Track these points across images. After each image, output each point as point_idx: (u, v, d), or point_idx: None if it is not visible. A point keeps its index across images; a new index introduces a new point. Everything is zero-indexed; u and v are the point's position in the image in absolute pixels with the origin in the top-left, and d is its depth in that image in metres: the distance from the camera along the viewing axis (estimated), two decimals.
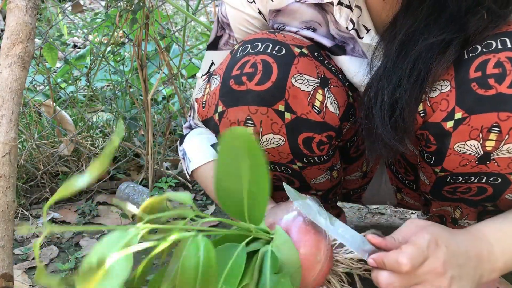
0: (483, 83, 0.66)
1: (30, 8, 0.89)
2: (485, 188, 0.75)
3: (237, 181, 0.58)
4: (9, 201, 0.81)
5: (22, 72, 0.87)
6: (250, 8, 0.86)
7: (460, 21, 0.70)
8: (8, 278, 0.79)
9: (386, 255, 0.67)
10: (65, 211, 1.44)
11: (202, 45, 1.86)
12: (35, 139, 1.49)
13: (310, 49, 0.81)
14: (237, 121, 0.78)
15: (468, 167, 0.72)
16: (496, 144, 0.68)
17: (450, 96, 0.70)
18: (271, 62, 0.76)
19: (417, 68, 0.71)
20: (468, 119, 0.68)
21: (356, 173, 1.02)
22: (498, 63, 0.66)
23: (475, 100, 0.67)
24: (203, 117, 0.84)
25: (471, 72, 0.68)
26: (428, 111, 0.73)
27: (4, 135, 0.82)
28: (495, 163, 0.70)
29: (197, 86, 1.00)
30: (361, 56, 0.84)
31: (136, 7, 1.33)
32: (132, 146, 1.58)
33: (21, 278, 1.15)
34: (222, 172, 0.58)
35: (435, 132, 0.72)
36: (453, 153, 0.72)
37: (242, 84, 0.76)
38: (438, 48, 0.70)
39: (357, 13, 0.80)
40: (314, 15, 0.84)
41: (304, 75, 0.77)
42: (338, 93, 0.80)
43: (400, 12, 0.74)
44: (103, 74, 1.81)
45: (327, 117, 0.78)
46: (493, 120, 0.66)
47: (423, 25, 0.72)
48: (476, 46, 0.69)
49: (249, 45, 0.79)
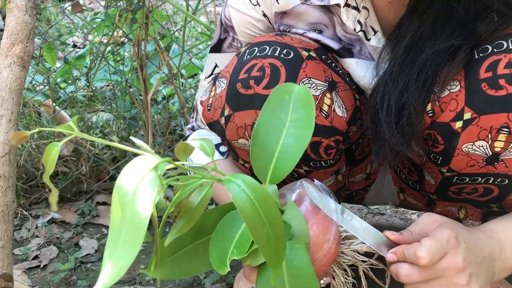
0: (493, 84, 0.66)
1: (29, 8, 0.89)
2: (491, 189, 0.75)
3: (276, 133, 0.60)
4: (9, 201, 0.81)
5: (22, 72, 0.87)
6: (254, 11, 0.85)
7: (469, 27, 0.69)
8: (8, 278, 0.78)
9: (406, 247, 0.66)
10: (64, 211, 1.44)
11: (202, 45, 1.86)
12: (35, 139, 1.49)
13: (317, 52, 0.80)
14: (244, 125, 0.77)
15: (475, 167, 0.72)
16: (505, 145, 0.67)
17: (459, 96, 0.69)
18: (279, 65, 0.75)
19: (425, 73, 0.71)
20: (477, 120, 0.68)
21: (359, 175, 1.02)
22: (509, 64, 0.65)
23: (485, 100, 0.67)
24: (208, 120, 0.84)
25: (481, 72, 0.67)
26: (437, 111, 0.72)
27: (3, 135, 0.82)
28: (503, 164, 0.70)
29: (200, 88, 0.99)
30: (368, 58, 0.84)
31: (136, 7, 1.33)
32: (132, 146, 1.58)
33: (21, 278, 1.15)
34: (264, 121, 0.60)
35: (443, 132, 0.72)
36: (460, 154, 0.71)
37: (250, 88, 0.75)
38: (447, 54, 0.69)
39: (364, 14, 0.79)
40: (320, 17, 0.83)
41: (312, 79, 0.76)
42: (345, 97, 0.80)
43: (406, 14, 0.73)
44: (103, 74, 1.81)
45: (335, 122, 0.78)
46: (503, 121, 0.66)
47: (430, 30, 0.71)
48: (487, 46, 0.68)
49: (257, 48, 0.78)
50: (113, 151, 1.63)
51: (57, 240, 1.30)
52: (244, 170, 0.90)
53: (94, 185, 1.51)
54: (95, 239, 1.30)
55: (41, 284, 1.13)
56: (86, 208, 1.41)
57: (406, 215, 1.42)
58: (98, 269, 1.19)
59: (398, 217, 1.41)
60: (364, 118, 0.85)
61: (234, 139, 0.80)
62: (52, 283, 1.14)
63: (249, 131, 0.77)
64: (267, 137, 0.61)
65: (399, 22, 0.75)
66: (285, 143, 0.61)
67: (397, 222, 1.38)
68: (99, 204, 1.46)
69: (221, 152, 0.94)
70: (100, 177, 1.53)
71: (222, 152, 0.94)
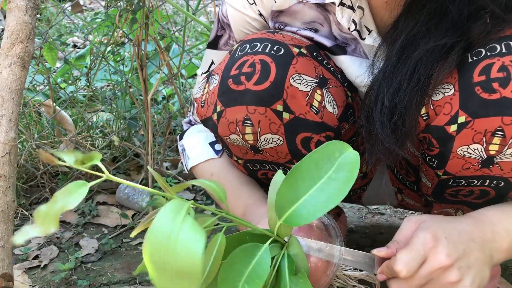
0: (487, 87, 0.66)
1: (30, 8, 0.89)
2: (487, 191, 0.75)
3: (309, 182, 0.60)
4: (9, 201, 0.81)
5: (22, 72, 0.87)
6: (250, 10, 0.86)
7: (463, 26, 0.69)
8: (8, 278, 0.79)
9: (387, 263, 0.67)
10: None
11: (202, 45, 1.86)
12: (35, 139, 1.49)
13: (309, 49, 0.81)
14: (235, 121, 0.78)
15: (471, 170, 0.72)
16: (499, 148, 0.67)
17: (453, 99, 0.69)
18: (269, 62, 0.76)
19: (418, 72, 0.71)
20: (472, 123, 0.68)
21: None
22: (502, 67, 0.65)
23: (479, 104, 0.67)
24: (202, 117, 0.85)
25: (475, 76, 0.67)
26: (431, 114, 0.73)
27: (4, 135, 0.82)
28: (498, 167, 0.70)
29: (197, 84, 1.00)
30: (362, 57, 0.84)
31: (136, 7, 1.33)
32: (132, 146, 1.58)
33: (21, 278, 1.15)
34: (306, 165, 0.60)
35: (438, 135, 0.72)
36: (456, 157, 0.71)
37: (241, 84, 0.76)
38: (440, 53, 0.70)
39: (359, 14, 0.79)
40: (316, 16, 0.83)
41: (302, 75, 0.77)
42: (336, 93, 0.80)
43: (401, 14, 0.74)
44: (103, 74, 1.81)
45: (326, 117, 0.78)
46: (497, 124, 0.66)
47: (424, 29, 0.71)
48: (480, 50, 0.68)
49: (248, 45, 0.79)
50: (113, 151, 1.63)
51: (57, 240, 1.30)
52: (238, 166, 0.90)
53: (94, 185, 1.51)
54: (95, 239, 1.30)
55: (41, 284, 1.14)
56: (86, 208, 1.41)
57: (406, 215, 1.42)
58: (98, 269, 1.19)
59: (398, 217, 1.41)
60: (356, 115, 0.85)
61: (226, 134, 0.80)
62: (52, 283, 1.14)
63: (240, 126, 0.78)
64: (301, 181, 0.61)
65: (394, 22, 0.75)
66: (313, 195, 0.60)
67: (397, 222, 1.39)
68: (99, 204, 1.46)
69: (216, 151, 0.95)
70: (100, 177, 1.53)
71: (217, 151, 0.95)
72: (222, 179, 0.93)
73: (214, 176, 0.94)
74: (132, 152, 1.57)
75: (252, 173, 0.89)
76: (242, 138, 0.79)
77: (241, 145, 0.81)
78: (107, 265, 1.21)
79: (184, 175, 1.61)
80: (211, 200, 1.51)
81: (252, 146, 0.80)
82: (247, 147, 0.81)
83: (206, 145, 0.96)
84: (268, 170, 0.87)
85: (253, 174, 0.90)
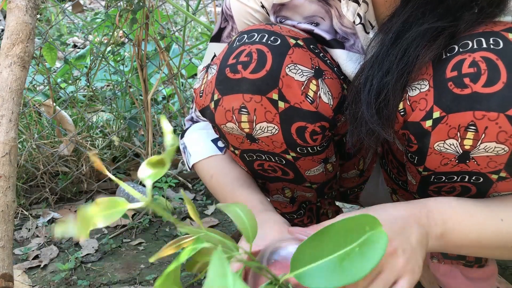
0: (459, 83, 0.67)
1: (30, 8, 0.89)
2: (468, 187, 0.76)
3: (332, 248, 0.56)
4: (9, 201, 0.81)
5: (22, 72, 0.87)
6: (253, 1, 0.88)
7: (455, 14, 0.71)
8: (8, 278, 0.79)
9: None
10: (65, 211, 1.45)
11: (202, 45, 1.86)
12: (35, 139, 1.49)
13: (306, 41, 0.82)
14: (231, 109, 0.79)
15: (449, 166, 0.73)
16: (473, 143, 0.68)
17: (428, 95, 0.71)
18: (265, 51, 0.77)
19: (408, 54, 0.72)
20: (446, 118, 0.69)
21: (352, 171, 1.03)
22: (473, 63, 0.67)
23: (452, 99, 0.68)
24: (200, 106, 0.86)
25: (447, 71, 0.69)
26: (408, 110, 0.74)
27: (4, 135, 0.82)
28: (475, 162, 0.71)
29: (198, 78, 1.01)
30: (359, 52, 0.85)
31: (136, 7, 1.33)
32: (132, 146, 1.58)
33: (21, 278, 1.15)
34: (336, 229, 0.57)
35: (415, 131, 0.73)
36: (433, 152, 0.73)
37: (237, 72, 0.77)
38: (431, 36, 0.71)
39: (364, 8, 0.81)
40: (317, 10, 0.85)
41: (298, 65, 0.78)
42: (332, 85, 0.81)
43: (399, 7, 0.75)
44: (103, 74, 1.81)
45: (320, 107, 0.79)
46: (469, 119, 0.67)
47: (419, 14, 0.73)
48: (454, 46, 0.70)
49: (246, 36, 0.81)
50: (113, 151, 1.64)
51: (57, 240, 1.30)
52: (235, 158, 0.91)
53: (95, 185, 1.51)
54: (95, 239, 1.30)
55: (41, 284, 1.14)
56: None
57: None
58: (98, 269, 1.19)
59: None
60: None
61: (223, 123, 0.81)
62: (52, 283, 1.14)
63: (237, 115, 0.79)
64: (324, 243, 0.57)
65: (392, 13, 0.77)
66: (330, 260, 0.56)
67: None
68: None
69: (219, 147, 0.96)
70: (100, 177, 1.54)
71: (221, 147, 0.96)
72: (221, 181, 0.93)
73: (213, 178, 0.94)
74: (132, 152, 1.57)
75: (249, 164, 0.90)
76: (238, 126, 0.80)
77: (238, 133, 0.82)
78: (107, 265, 1.21)
79: (184, 175, 1.61)
80: (211, 200, 1.51)
81: (248, 134, 0.81)
82: (243, 136, 0.82)
83: (208, 142, 0.96)
84: (264, 160, 0.88)
85: (250, 165, 0.90)
